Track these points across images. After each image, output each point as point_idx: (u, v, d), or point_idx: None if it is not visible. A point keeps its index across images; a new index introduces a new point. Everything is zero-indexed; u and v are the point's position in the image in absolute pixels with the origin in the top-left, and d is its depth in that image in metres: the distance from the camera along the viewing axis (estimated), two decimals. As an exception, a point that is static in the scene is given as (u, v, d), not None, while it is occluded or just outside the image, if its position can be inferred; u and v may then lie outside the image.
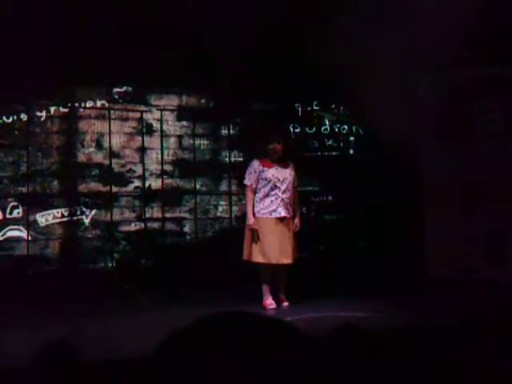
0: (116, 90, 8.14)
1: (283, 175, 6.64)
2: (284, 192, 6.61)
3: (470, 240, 7.54)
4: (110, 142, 8.01)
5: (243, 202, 8.59)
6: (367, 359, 1.86)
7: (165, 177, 8.33)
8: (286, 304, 6.66)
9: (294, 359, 1.37)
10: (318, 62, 7.35)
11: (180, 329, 1.38)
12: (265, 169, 6.62)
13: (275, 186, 6.59)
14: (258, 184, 6.63)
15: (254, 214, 6.59)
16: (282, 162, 6.69)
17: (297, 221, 6.72)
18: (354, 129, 9.24)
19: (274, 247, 6.51)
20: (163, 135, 8.32)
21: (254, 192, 6.64)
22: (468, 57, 7.16)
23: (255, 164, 6.67)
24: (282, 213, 6.57)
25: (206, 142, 8.61)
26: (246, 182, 6.69)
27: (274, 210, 6.56)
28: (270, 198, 6.58)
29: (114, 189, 8.06)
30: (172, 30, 7.52)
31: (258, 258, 6.52)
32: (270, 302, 6.60)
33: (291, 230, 6.65)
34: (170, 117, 8.42)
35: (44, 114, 7.78)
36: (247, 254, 6.59)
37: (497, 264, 7.38)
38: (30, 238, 7.60)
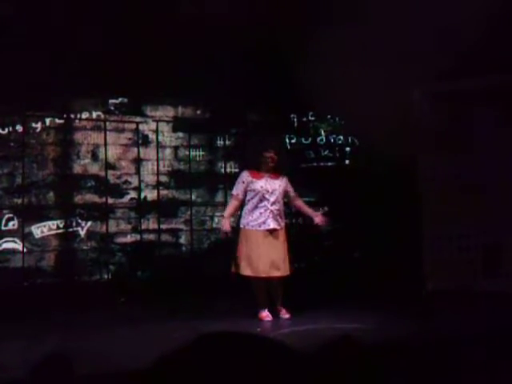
0: (112, 101, 8.14)
1: (272, 186, 6.57)
2: (273, 204, 6.54)
3: (467, 251, 7.54)
4: (105, 154, 7.99)
5: (239, 213, 8.61)
6: (364, 371, 1.85)
7: (160, 188, 8.32)
8: (287, 316, 6.57)
9: (285, 379, 1.36)
10: (313, 73, 7.37)
11: (173, 351, 1.37)
12: (254, 180, 6.57)
13: (264, 198, 6.52)
14: (246, 195, 6.59)
15: (243, 225, 6.58)
16: (274, 173, 6.63)
17: (320, 217, 6.78)
18: (349, 139, 9.24)
19: (263, 260, 6.42)
20: (159, 146, 8.32)
21: (241, 202, 6.62)
22: (464, 66, 7.18)
23: (244, 175, 6.64)
24: (272, 225, 6.51)
25: (201, 153, 8.60)
26: (233, 191, 6.68)
27: (264, 222, 6.50)
28: (259, 210, 6.52)
29: (110, 200, 8.04)
30: (167, 41, 7.53)
31: (246, 271, 6.46)
32: (265, 314, 6.54)
33: (283, 242, 6.58)
34: (165, 128, 8.42)
35: (39, 125, 7.77)
36: (235, 267, 6.54)
37: (494, 275, 7.37)
38: (25, 250, 7.56)
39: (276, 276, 6.49)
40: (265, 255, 6.43)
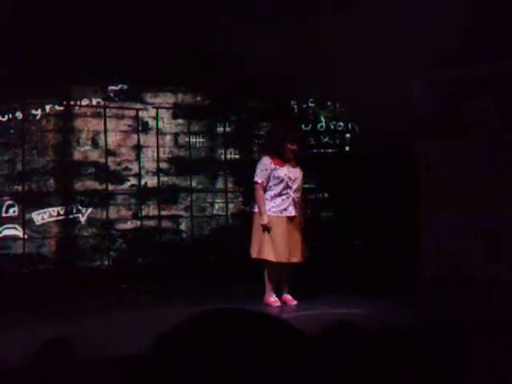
0: (111, 88, 8.13)
1: (295, 175, 6.63)
2: (295, 191, 6.61)
3: (466, 238, 7.55)
4: (105, 140, 8.00)
5: (240, 199, 8.62)
6: (362, 356, 1.87)
7: (161, 175, 8.32)
8: (294, 303, 6.61)
9: (290, 357, 1.37)
10: (313, 59, 7.36)
11: (174, 326, 1.38)
12: (277, 167, 6.56)
13: (287, 186, 6.56)
14: (268, 182, 6.57)
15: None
16: (292, 162, 6.67)
17: (301, 218, 6.74)
18: (349, 126, 9.24)
19: (284, 246, 6.49)
20: (159, 133, 8.32)
21: (265, 190, 6.57)
22: (463, 55, 7.17)
23: (267, 162, 6.57)
24: (293, 212, 6.57)
25: (201, 139, 8.61)
26: (257, 179, 6.56)
27: (285, 209, 6.55)
28: (281, 197, 6.55)
29: (110, 187, 8.05)
30: (167, 28, 7.51)
31: (269, 256, 6.47)
32: (274, 299, 6.57)
33: (300, 229, 6.66)
34: (165, 115, 8.41)
35: (39, 112, 7.77)
36: (257, 252, 6.52)
37: (492, 262, 7.40)
38: (25, 237, 7.59)
39: (294, 262, 6.56)
40: (286, 241, 6.50)
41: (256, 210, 6.64)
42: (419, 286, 7.19)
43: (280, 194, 6.55)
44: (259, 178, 6.55)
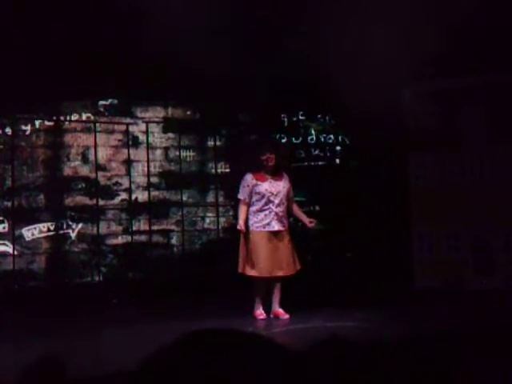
0: (101, 102, 8.13)
1: (277, 188, 6.63)
2: (278, 206, 6.61)
3: (457, 250, 7.57)
4: (95, 155, 7.98)
5: (230, 213, 8.61)
6: (351, 372, 1.86)
7: (151, 189, 8.31)
8: (286, 317, 6.60)
9: (272, 375, 1.36)
10: (304, 72, 7.39)
11: (162, 348, 1.37)
12: (258, 183, 6.61)
13: (269, 201, 6.58)
14: (251, 198, 6.62)
15: (247, 227, 6.59)
16: (276, 174, 6.68)
17: (308, 219, 6.78)
18: (340, 138, 9.26)
19: (267, 261, 6.49)
20: (149, 147, 8.30)
21: (248, 205, 6.64)
22: (453, 66, 7.21)
23: (248, 178, 6.65)
24: (276, 227, 6.58)
25: (192, 153, 8.60)
26: (240, 196, 6.68)
27: (268, 224, 6.56)
28: (263, 212, 6.58)
29: (101, 202, 8.02)
30: (157, 42, 7.52)
31: (251, 272, 6.52)
32: (260, 312, 6.62)
33: (287, 243, 6.64)
34: (155, 129, 8.41)
35: (29, 127, 7.75)
36: (242, 267, 6.58)
37: (483, 274, 7.41)
38: (16, 253, 7.54)
39: (279, 276, 6.56)
40: (269, 256, 6.51)
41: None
42: (411, 298, 7.19)
43: (262, 210, 6.58)
44: (241, 194, 6.66)
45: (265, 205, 6.58)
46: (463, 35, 6.85)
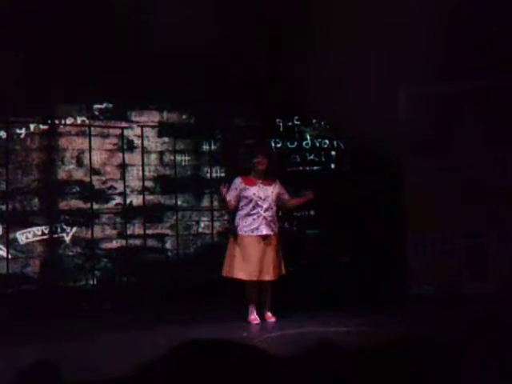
0: (96, 106, 8.11)
1: (265, 193, 6.64)
2: (266, 210, 6.62)
3: (452, 254, 7.57)
4: (90, 159, 7.96)
5: (225, 217, 8.60)
6: (343, 378, 1.85)
7: (146, 193, 8.29)
8: (272, 320, 6.65)
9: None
10: (299, 77, 7.39)
11: (157, 357, 1.37)
12: (246, 187, 6.63)
13: (257, 205, 6.60)
14: (239, 201, 6.66)
15: (237, 231, 6.61)
16: (266, 179, 6.69)
17: (311, 193, 6.80)
18: (335, 143, 9.27)
19: (255, 264, 6.52)
20: (144, 151, 8.30)
21: (234, 208, 6.68)
22: (448, 70, 7.23)
23: (237, 181, 6.70)
24: (264, 231, 6.59)
25: (187, 157, 8.59)
26: (227, 197, 6.69)
27: (256, 228, 6.58)
28: (252, 217, 6.60)
29: (95, 206, 8.01)
30: (151, 47, 7.52)
31: (239, 274, 6.53)
32: (254, 317, 6.62)
33: (275, 247, 6.66)
34: (150, 133, 8.40)
35: (24, 131, 7.73)
36: (227, 271, 6.60)
37: (479, 278, 7.41)
38: (9, 257, 7.51)
39: (266, 280, 6.58)
40: (257, 260, 6.52)
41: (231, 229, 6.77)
42: (406, 303, 7.19)
43: (250, 214, 6.61)
44: (228, 196, 6.65)
45: (252, 209, 6.59)
46: (459, 39, 6.86)
